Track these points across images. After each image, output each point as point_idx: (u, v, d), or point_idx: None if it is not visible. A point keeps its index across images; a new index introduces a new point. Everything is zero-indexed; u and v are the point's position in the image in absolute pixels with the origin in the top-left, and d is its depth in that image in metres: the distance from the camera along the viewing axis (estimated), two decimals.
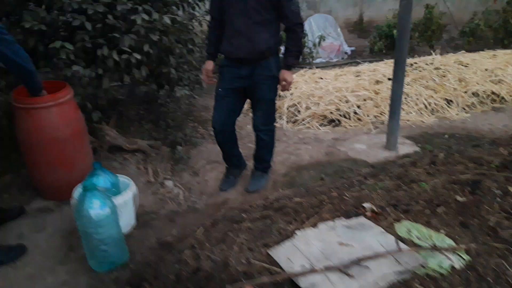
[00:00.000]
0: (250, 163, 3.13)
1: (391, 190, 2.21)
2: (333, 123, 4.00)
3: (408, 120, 4.02)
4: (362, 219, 1.89)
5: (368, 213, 1.94)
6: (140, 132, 3.90)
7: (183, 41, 3.40)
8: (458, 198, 2.00)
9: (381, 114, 4.07)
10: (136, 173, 3.26)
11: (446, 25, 7.58)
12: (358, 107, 4.08)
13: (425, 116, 4.12)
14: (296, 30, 2.42)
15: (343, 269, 1.51)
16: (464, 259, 1.58)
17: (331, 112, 4.03)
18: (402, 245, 1.63)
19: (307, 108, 4.16)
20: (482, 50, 6.21)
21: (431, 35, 7.05)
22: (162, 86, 3.67)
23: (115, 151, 3.40)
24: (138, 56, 2.78)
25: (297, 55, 2.50)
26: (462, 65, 4.94)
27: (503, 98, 4.46)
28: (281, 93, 3.80)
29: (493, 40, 7.37)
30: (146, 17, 2.71)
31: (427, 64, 5.00)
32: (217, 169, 3.31)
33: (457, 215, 1.89)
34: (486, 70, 4.81)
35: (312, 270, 1.52)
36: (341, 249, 1.65)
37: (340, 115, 4.02)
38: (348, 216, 1.93)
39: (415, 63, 5.09)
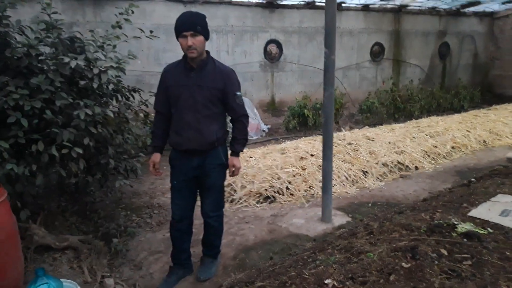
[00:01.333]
0: (196, 250, 3.09)
1: (344, 264, 2.36)
2: (269, 200, 4.18)
3: (334, 192, 4.38)
4: None
5: None
6: (65, 227, 3.62)
7: (121, 132, 3.41)
8: (404, 264, 2.24)
9: (310, 188, 4.37)
10: (70, 273, 2.97)
11: (345, 103, 8.66)
12: (289, 182, 4.36)
13: (348, 187, 4.53)
14: (242, 121, 2.63)
15: None
16: None
17: (266, 190, 4.23)
18: None
19: (243, 187, 4.30)
20: (380, 125, 7.19)
21: (336, 113, 7.96)
22: (93, 176, 3.55)
23: (42, 251, 3.11)
24: (80, 150, 2.71)
25: (244, 143, 2.69)
26: (369, 139, 5.64)
27: (407, 166, 5.15)
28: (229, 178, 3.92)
29: (386, 115, 8.58)
30: (89, 112, 2.70)
31: (340, 140, 5.61)
32: (162, 259, 3.19)
33: (407, 280, 2.09)
34: (389, 142, 5.55)
35: None
36: None
37: (274, 192, 4.23)
38: None
39: None
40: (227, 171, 2.75)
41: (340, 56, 8.39)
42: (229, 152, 2.71)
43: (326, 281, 2.14)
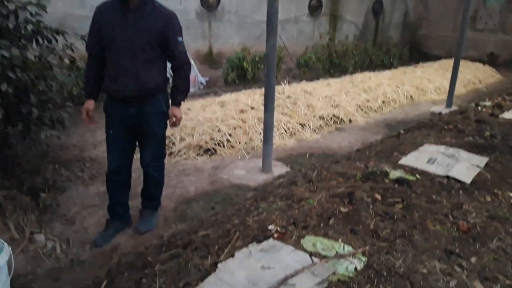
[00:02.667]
0: (135, 202, 2.99)
1: (286, 210, 2.42)
2: (209, 152, 4.12)
3: (274, 144, 4.42)
4: (272, 242, 2.03)
5: (275, 235, 2.10)
6: None
7: (43, 78, 3.07)
8: (342, 209, 2.35)
9: (250, 140, 4.38)
10: None
11: (284, 57, 8.64)
12: (230, 135, 4.31)
13: (287, 139, 4.61)
14: (184, 69, 2.48)
15: None
16: (363, 261, 1.86)
17: (206, 142, 4.15)
18: (314, 258, 1.83)
19: (182, 139, 4.18)
20: (317, 79, 7.32)
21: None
22: (14, 126, 3.21)
23: None
24: None
25: (186, 92, 2.55)
26: (307, 93, 5.72)
27: (342, 119, 5.34)
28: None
29: (322, 70, 8.74)
30: (6, 53, 2.37)
31: (279, 93, 5.62)
32: (97, 213, 3.05)
33: (346, 223, 2.21)
34: (326, 96, 5.69)
35: None
36: (264, 273, 1.75)
37: (215, 144, 4.18)
38: (258, 240, 2.05)
39: None
40: (168, 121, 2.62)
41: (279, 8, 8.23)
42: (170, 101, 2.57)
43: (269, 227, 2.18)
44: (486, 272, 1.92)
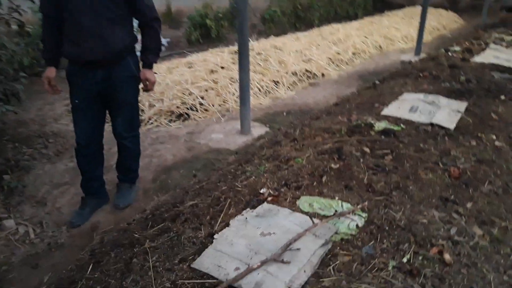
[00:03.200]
0: (110, 176, 2.79)
1: (274, 172, 2.32)
2: (182, 118, 3.91)
3: None
4: (266, 206, 1.93)
5: (269, 198, 1.99)
6: None
7: None
8: (333, 165, 2.26)
9: (224, 102, 4.18)
10: None
11: None
12: (202, 98, 4.10)
13: (261, 98, 4.45)
14: (153, 26, 2.22)
15: (278, 258, 1.52)
16: (363, 217, 1.80)
17: (178, 107, 3.92)
18: (314, 220, 1.74)
19: (151, 105, 3.93)
20: (284, 34, 7.07)
21: None
22: None
23: None
24: None
25: (157, 52, 2.31)
26: (277, 49, 5.51)
27: (315, 74, 5.21)
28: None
29: (288, 24, 8.46)
30: None
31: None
32: (69, 191, 2.83)
33: (339, 180, 2.13)
34: (296, 51, 5.50)
35: (249, 269, 1.48)
36: (265, 239, 1.66)
37: (187, 108, 3.96)
38: (252, 206, 1.94)
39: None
40: (140, 86, 2.38)
41: None
42: (141, 64, 2.33)
43: (261, 191, 2.07)
44: (483, 216, 1.92)
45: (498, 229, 1.83)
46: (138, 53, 2.43)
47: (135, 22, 2.31)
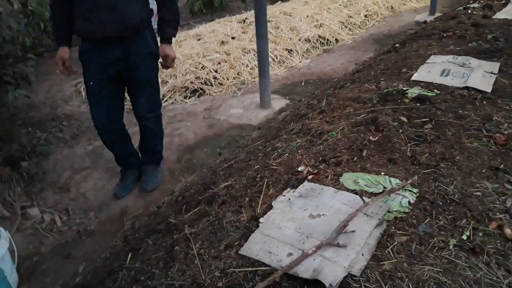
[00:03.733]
0: None
1: (309, 148, 2.20)
2: (197, 93, 3.77)
3: None
4: (308, 184, 1.83)
5: (309, 176, 1.89)
6: None
7: None
8: (371, 138, 2.15)
9: (238, 74, 4.03)
10: None
11: None
12: (216, 71, 3.94)
13: (276, 68, 4.28)
14: None
15: (333, 242, 1.43)
16: (414, 192, 1.70)
17: (192, 82, 3.78)
18: (365, 198, 1.64)
19: (164, 82, 3.78)
20: None
21: None
22: None
23: None
24: None
25: (176, 25, 2.15)
26: (287, 15, 5.27)
27: (328, 40, 5.00)
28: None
29: None
30: None
31: None
32: (92, 176, 2.75)
33: (380, 153, 2.02)
34: (307, 16, 5.26)
35: (305, 255, 1.39)
36: (315, 222, 1.57)
37: (202, 83, 3.81)
38: (292, 185, 1.85)
39: (246, 18, 5.17)
40: (159, 62, 2.24)
41: None
42: (158, 38, 2.17)
43: (299, 169, 1.97)
44: None
45: None
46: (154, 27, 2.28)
47: None
